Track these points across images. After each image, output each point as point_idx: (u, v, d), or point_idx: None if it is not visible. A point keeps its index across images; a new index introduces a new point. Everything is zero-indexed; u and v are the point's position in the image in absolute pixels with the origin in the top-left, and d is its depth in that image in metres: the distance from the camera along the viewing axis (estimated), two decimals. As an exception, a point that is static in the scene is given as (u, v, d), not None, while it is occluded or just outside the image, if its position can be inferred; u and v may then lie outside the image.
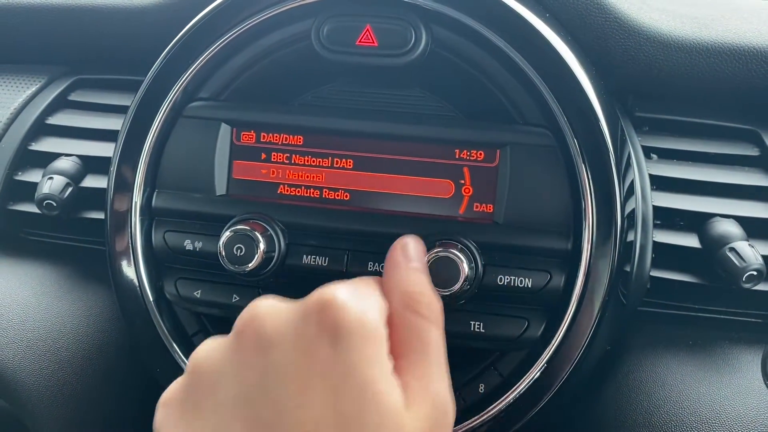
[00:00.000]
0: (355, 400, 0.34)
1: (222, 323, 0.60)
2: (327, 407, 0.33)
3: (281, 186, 0.57)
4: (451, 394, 0.39)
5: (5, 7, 0.79)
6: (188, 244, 0.57)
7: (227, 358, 0.37)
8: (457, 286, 0.50)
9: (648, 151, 0.64)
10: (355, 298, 0.37)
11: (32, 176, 0.70)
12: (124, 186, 0.59)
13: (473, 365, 0.56)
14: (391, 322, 0.39)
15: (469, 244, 0.53)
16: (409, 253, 0.44)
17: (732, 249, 0.56)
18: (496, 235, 0.54)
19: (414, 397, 0.36)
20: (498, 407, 0.54)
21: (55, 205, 0.66)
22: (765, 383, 0.45)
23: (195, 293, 0.58)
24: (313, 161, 0.57)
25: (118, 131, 0.62)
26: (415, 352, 0.38)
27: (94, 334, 0.65)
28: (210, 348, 0.38)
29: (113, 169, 0.60)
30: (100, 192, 0.65)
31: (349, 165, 0.56)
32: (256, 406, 0.34)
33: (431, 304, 0.41)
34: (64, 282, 0.68)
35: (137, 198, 0.59)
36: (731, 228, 0.58)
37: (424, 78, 0.57)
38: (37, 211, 0.67)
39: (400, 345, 0.38)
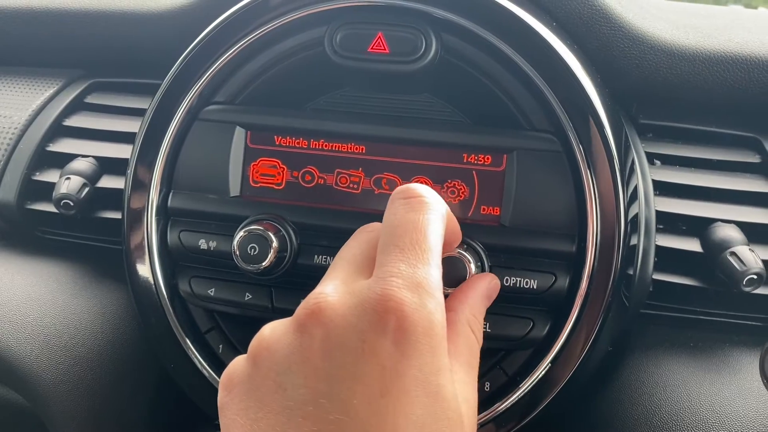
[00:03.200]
0: (426, 406, 0.35)
1: (234, 320, 0.61)
2: (399, 413, 0.34)
3: (293, 187, 0.59)
4: None
5: (23, 11, 0.81)
6: (203, 244, 0.59)
7: (292, 353, 0.36)
8: (464, 286, 0.51)
9: (651, 157, 0.66)
10: (418, 298, 0.36)
11: (50, 176, 0.72)
12: (141, 187, 0.61)
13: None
14: (451, 325, 0.42)
15: (477, 246, 0.54)
16: (491, 290, 0.50)
17: (733, 253, 0.58)
18: (503, 237, 0.55)
19: (463, 398, 0.38)
20: (503, 405, 0.55)
21: (72, 204, 0.67)
22: (764, 384, 0.46)
23: (209, 291, 0.59)
24: (325, 164, 0.59)
25: (133, 133, 0.63)
26: (464, 361, 0.41)
27: (109, 330, 0.67)
28: (273, 337, 0.38)
29: (131, 170, 0.61)
30: (116, 192, 0.67)
31: (360, 168, 0.58)
32: (326, 407, 0.34)
33: (482, 332, 0.46)
34: (80, 280, 0.70)
35: (154, 198, 0.60)
36: (732, 233, 0.60)
37: (434, 84, 0.59)
38: (54, 210, 0.69)
39: (455, 347, 0.41)
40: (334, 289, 0.38)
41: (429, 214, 0.40)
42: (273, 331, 0.39)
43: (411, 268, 0.37)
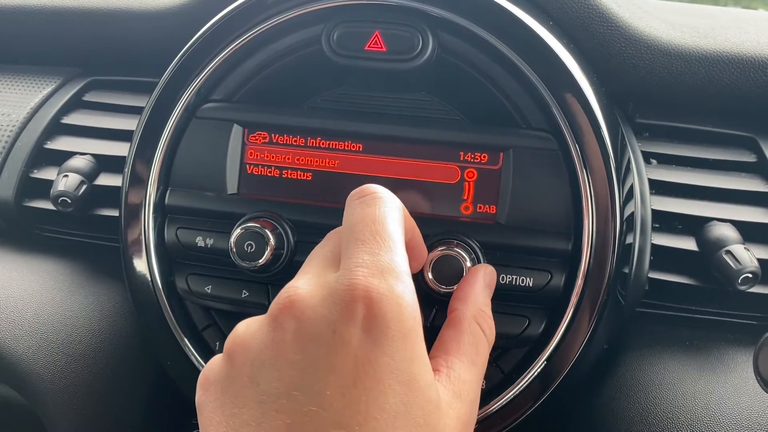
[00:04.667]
0: (399, 394, 0.35)
1: (231, 317, 0.62)
2: (372, 403, 0.34)
3: (290, 185, 0.59)
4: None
5: (21, 9, 0.81)
6: (200, 241, 0.59)
7: (266, 347, 0.36)
8: (460, 284, 0.51)
9: (648, 157, 0.66)
10: (385, 283, 0.36)
11: (47, 174, 0.72)
12: (138, 184, 0.61)
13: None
14: (456, 324, 0.44)
15: (473, 244, 0.54)
16: (489, 279, 0.50)
17: (728, 252, 0.58)
18: (499, 235, 0.55)
19: (455, 393, 0.39)
20: (499, 402, 0.56)
21: (69, 202, 0.67)
22: (758, 381, 0.46)
23: (206, 288, 0.60)
24: (321, 162, 0.59)
25: (131, 131, 0.63)
26: (465, 359, 0.42)
27: (107, 328, 0.67)
28: (248, 333, 0.38)
29: (128, 167, 0.62)
30: (114, 190, 0.67)
31: (356, 166, 0.58)
32: (300, 399, 0.34)
33: (493, 326, 0.46)
34: (77, 277, 0.70)
35: (151, 195, 0.60)
36: (728, 232, 0.60)
37: (431, 82, 0.59)
38: (52, 207, 0.69)
39: (457, 345, 0.42)
40: (305, 283, 0.38)
41: (384, 207, 0.41)
42: (247, 327, 0.39)
43: (374, 257, 0.38)
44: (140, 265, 0.61)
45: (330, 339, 0.35)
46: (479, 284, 0.49)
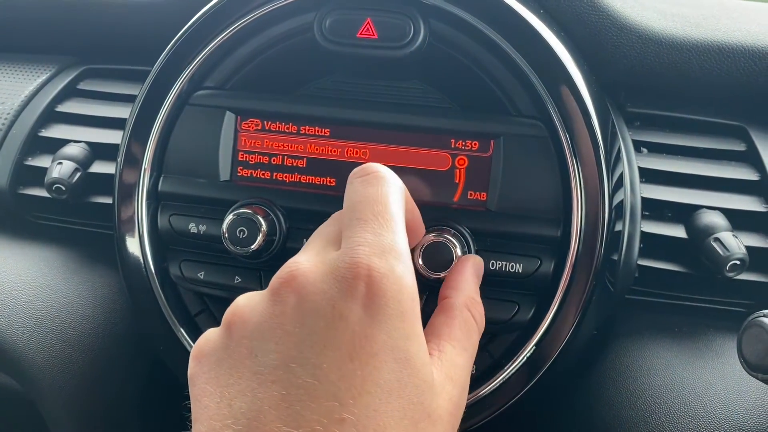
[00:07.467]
0: (395, 371, 0.35)
1: (224, 303, 0.62)
2: (367, 377, 0.34)
3: (282, 172, 0.60)
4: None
5: (16, -3, 0.81)
6: (193, 227, 0.59)
7: (265, 320, 0.37)
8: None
9: (638, 145, 0.66)
10: (386, 263, 0.37)
11: (42, 162, 0.72)
12: (132, 171, 0.61)
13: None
14: (447, 310, 0.44)
15: (463, 230, 0.55)
16: (477, 269, 0.51)
17: (717, 239, 0.58)
18: (489, 221, 0.56)
19: (447, 376, 0.39)
20: (488, 387, 0.56)
21: (64, 189, 0.68)
22: (741, 364, 0.47)
23: (198, 274, 0.60)
24: (313, 149, 0.59)
25: (125, 119, 0.64)
26: (457, 344, 0.42)
27: (100, 314, 0.67)
28: (247, 306, 0.39)
29: (121, 154, 0.62)
30: (108, 177, 0.68)
31: (348, 153, 0.59)
32: (296, 371, 0.34)
33: (483, 314, 0.47)
34: (72, 264, 0.70)
35: (144, 182, 0.61)
36: (717, 219, 0.60)
37: (422, 70, 0.59)
38: (46, 195, 0.69)
39: (449, 330, 0.42)
40: (307, 259, 0.39)
41: (386, 186, 0.41)
42: (248, 300, 0.39)
43: (377, 237, 0.38)
44: (134, 251, 0.61)
45: (329, 314, 0.36)
46: (469, 273, 0.49)
